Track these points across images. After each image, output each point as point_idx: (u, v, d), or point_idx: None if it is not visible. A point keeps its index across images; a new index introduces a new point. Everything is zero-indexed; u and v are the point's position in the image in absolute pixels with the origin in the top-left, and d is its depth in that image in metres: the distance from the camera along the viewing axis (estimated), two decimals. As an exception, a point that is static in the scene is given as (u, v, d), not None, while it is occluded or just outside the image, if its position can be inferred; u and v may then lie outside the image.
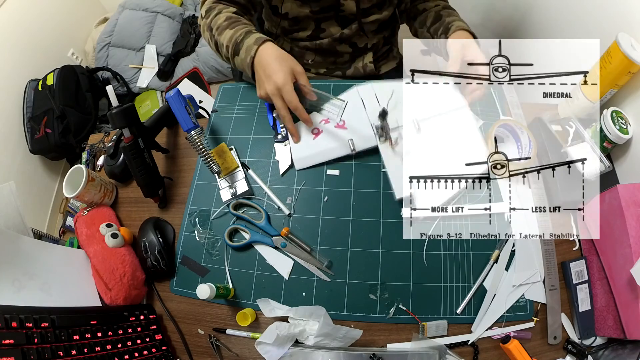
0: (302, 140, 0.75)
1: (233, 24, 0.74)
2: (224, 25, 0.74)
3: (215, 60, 1.81)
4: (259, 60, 0.69)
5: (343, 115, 0.69)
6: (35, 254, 0.61)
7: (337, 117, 0.69)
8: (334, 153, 0.73)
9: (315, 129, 0.74)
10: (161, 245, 0.69)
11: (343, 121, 0.74)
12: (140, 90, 1.89)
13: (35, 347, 0.47)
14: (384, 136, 0.73)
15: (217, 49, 0.78)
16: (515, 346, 0.58)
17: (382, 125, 0.72)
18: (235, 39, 0.72)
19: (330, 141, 0.74)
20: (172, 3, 1.99)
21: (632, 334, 0.55)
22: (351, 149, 0.72)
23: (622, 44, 0.63)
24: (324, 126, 0.75)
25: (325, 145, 0.73)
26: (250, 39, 0.70)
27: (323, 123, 0.75)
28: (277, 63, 0.67)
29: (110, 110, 0.68)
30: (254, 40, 0.70)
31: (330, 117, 0.74)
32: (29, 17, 1.67)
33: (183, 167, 0.80)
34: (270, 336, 0.57)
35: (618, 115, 0.68)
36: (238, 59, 0.73)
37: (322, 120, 0.75)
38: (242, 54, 0.71)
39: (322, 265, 0.65)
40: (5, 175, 1.47)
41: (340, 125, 0.74)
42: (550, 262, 0.66)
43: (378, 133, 0.73)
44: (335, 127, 0.75)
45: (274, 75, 0.66)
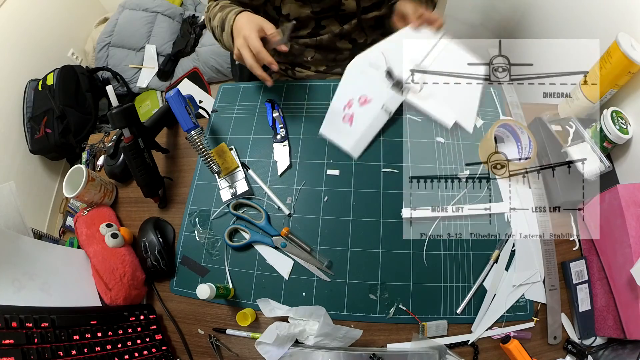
0: (341, 131, 0.76)
1: (224, 8, 0.79)
2: (216, 11, 0.79)
3: (215, 60, 1.80)
4: (235, 27, 0.73)
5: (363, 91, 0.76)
6: (35, 254, 0.61)
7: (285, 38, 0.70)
8: (377, 124, 0.76)
9: (344, 115, 0.77)
10: (161, 245, 0.69)
11: (364, 97, 0.77)
12: (140, 90, 1.89)
13: (35, 347, 0.47)
14: (404, 89, 0.76)
15: (215, 36, 0.82)
16: (515, 346, 0.58)
17: (396, 82, 0.76)
18: (221, 17, 0.77)
19: (367, 118, 0.76)
20: (172, 3, 1.99)
21: (632, 334, 0.55)
22: (388, 112, 0.75)
23: (622, 44, 0.63)
24: (351, 111, 0.77)
25: (364, 123, 0.76)
26: (232, 13, 0.75)
27: (347, 108, 0.77)
28: (247, 21, 0.71)
29: (110, 110, 0.68)
30: (234, 12, 0.74)
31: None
32: (29, 17, 1.66)
33: (183, 167, 0.80)
34: (270, 336, 0.57)
35: (618, 115, 0.68)
36: (225, 34, 0.77)
37: (345, 105, 0.77)
38: (227, 27, 0.75)
39: (322, 265, 0.65)
40: (5, 175, 1.47)
41: (363, 101, 0.77)
42: (550, 262, 0.66)
43: (398, 90, 0.76)
44: (361, 105, 0.77)
45: (242, 30, 0.70)
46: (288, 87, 0.84)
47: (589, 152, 0.69)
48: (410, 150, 0.74)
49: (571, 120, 0.73)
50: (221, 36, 0.79)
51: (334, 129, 0.77)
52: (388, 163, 0.73)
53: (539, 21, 1.02)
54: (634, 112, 0.69)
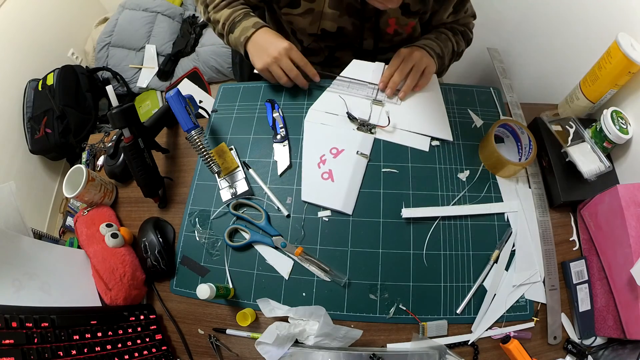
0: (326, 191, 0.71)
1: (231, 3, 0.79)
2: (222, 4, 0.79)
3: (215, 60, 1.80)
4: (254, 40, 0.74)
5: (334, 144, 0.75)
6: (35, 254, 0.61)
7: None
8: (359, 171, 0.72)
9: (322, 173, 0.72)
10: (161, 245, 0.69)
11: (335, 148, 0.74)
12: (140, 90, 1.89)
13: (35, 347, 0.47)
14: (370, 127, 0.76)
15: (211, 22, 0.82)
16: (515, 346, 0.58)
17: (360, 123, 0.76)
18: (233, 18, 0.76)
19: (347, 169, 0.72)
20: (172, 3, 1.99)
21: (632, 334, 0.55)
22: (365, 155, 0.73)
23: (622, 44, 0.63)
24: (327, 167, 0.73)
25: (346, 175, 0.72)
26: (249, 22, 0.75)
27: (322, 165, 0.73)
28: (273, 39, 0.73)
29: (110, 110, 0.68)
30: (252, 23, 0.75)
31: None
32: (29, 17, 1.66)
33: (183, 167, 0.80)
34: (270, 336, 0.57)
35: (618, 115, 0.68)
36: (232, 37, 0.77)
37: (318, 163, 0.73)
38: (237, 32, 0.76)
39: (342, 282, 0.64)
40: (5, 175, 1.46)
41: (335, 152, 0.74)
42: (550, 262, 0.66)
43: (366, 130, 0.76)
44: (335, 157, 0.74)
45: (270, 48, 0.72)
46: (288, 87, 0.84)
47: (589, 152, 0.69)
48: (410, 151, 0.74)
49: (571, 120, 0.73)
50: (226, 35, 0.79)
51: (317, 191, 0.71)
52: (388, 163, 0.73)
53: (539, 21, 1.02)
54: (634, 112, 0.69)
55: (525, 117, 0.79)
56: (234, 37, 0.77)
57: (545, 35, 1.00)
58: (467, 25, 0.87)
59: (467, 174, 0.72)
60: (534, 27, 1.05)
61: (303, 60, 0.74)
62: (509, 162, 0.68)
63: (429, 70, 0.76)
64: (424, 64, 0.75)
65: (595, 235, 0.65)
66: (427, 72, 0.76)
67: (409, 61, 0.74)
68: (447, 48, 0.81)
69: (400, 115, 0.77)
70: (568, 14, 0.89)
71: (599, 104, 0.73)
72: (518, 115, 0.79)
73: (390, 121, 0.75)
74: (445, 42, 0.81)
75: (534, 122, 0.76)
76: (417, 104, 0.78)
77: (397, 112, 0.77)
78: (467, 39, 0.87)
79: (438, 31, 0.82)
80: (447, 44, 0.81)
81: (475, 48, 0.94)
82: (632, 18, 0.69)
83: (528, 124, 0.77)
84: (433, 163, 0.73)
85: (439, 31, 0.82)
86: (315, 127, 0.77)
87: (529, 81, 1.06)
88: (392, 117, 0.75)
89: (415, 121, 0.77)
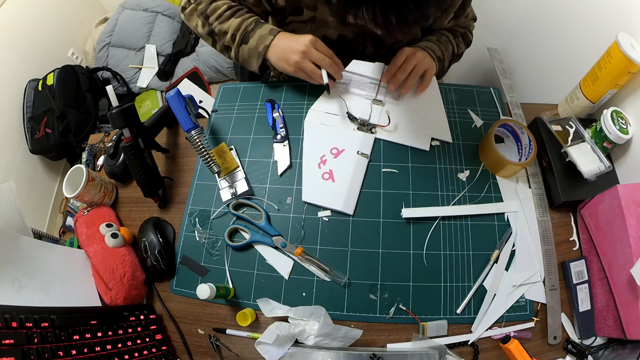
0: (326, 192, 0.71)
1: (237, 12, 0.75)
2: (227, 14, 0.75)
3: (215, 60, 1.80)
4: (275, 45, 0.71)
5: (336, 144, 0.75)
6: (35, 254, 0.61)
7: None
8: (359, 172, 0.72)
9: (323, 174, 0.72)
10: (161, 245, 0.69)
11: (335, 148, 0.74)
12: (140, 90, 1.89)
13: (35, 347, 0.47)
14: (370, 127, 0.76)
15: (212, 35, 0.77)
16: (515, 346, 0.58)
17: (360, 123, 0.76)
18: (244, 28, 0.73)
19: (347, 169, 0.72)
20: (172, 3, 1.99)
21: (632, 334, 0.55)
22: (366, 155, 0.73)
23: (622, 44, 0.63)
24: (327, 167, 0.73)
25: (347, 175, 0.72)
26: (263, 29, 0.72)
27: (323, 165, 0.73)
28: (294, 38, 0.71)
29: (110, 110, 0.68)
30: (268, 30, 0.72)
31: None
32: (29, 17, 1.66)
33: (183, 167, 0.80)
34: (270, 336, 0.57)
35: (618, 115, 0.68)
36: (245, 47, 0.74)
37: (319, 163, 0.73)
38: (253, 42, 0.72)
39: (342, 282, 0.64)
40: (5, 175, 1.46)
41: (336, 153, 0.74)
42: (550, 262, 0.66)
43: (366, 129, 0.76)
44: (335, 157, 0.73)
45: (295, 45, 0.69)
46: (288, 87, 0.84)
47: (589, 152, 0.69)
48: (410, 151, 0.74)
49: (571, 120, 0.73)
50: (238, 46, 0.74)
51: (317, 192, 0.71)
52: (388, 163, 0.73)
53: (539, 21, 1.02)
54: (634, 112, 0.69)
55: (525, 117, 0.79)
56: (248, 47, 0.73)
57: (545, 35, 1.00)
58: (468, 28, 0.87)
59: (467, 174, 0.72)
60: (534, 27, 1.05)
61: (329, 52, 0.72)
62: (509, 162, 0.68)
63: (430, 73, 0.76)
64: (426, 65, 0.75)
65: (595, 235, 0.65)
66: (428, 75, 0.76)
67: (412, 60, 0.74)
68: (448, 51, 0.81)
69: (401, 115, 0.77)
70: (568, 14, 0.89)
71: (599, 104, 0.73)
72: (518, 115, 0.79)
73: (391, 121, 0.75)
74: (446, 44, 0.81)
75: (534, 122, 0.76)
76: (417, 104, 0.79)
77: (398, 111, 0.77)
78: (467, 40, 0.87)
79: (439, 33, 0.83)
80: (447, 47, 0.81)
81: (476, 48, 0.94)
82: (632, 18, 0.69)
83: (528, 124, 0.77)
84: (433, 163, 0.73)
85: (440, 33, 0.82)
86: (316, 128, 0.77)
87: (529, 81, 1.06)
88: (392, 117, 0.75)
89: (415, 121, 0.77)
